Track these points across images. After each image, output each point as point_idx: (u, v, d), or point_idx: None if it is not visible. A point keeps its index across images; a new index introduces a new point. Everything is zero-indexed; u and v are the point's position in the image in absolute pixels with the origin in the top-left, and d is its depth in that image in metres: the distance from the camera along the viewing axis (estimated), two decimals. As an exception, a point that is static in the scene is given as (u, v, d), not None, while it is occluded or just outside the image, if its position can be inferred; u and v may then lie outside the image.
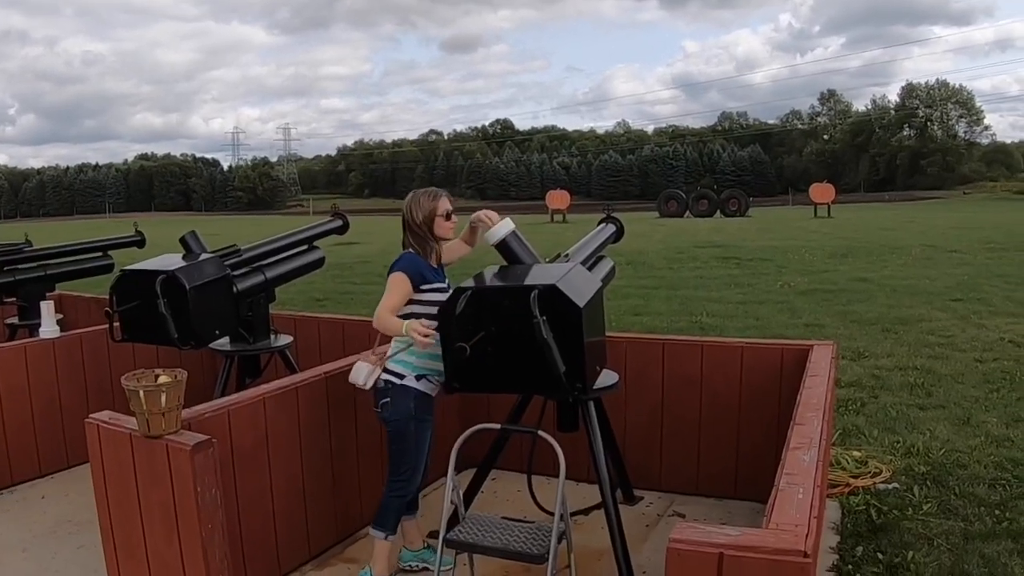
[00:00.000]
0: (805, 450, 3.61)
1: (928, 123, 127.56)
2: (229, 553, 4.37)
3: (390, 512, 5.10)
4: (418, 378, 5.01)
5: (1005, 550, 5.57)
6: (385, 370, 5.03)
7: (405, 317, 4.93)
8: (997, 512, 6.19)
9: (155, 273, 5.94)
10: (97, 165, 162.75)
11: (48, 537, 6.00)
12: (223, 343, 6.79)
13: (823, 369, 5.24)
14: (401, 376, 5.00)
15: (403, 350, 5.00)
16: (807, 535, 2.72)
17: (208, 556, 4.15)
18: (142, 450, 4.25)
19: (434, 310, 4.84)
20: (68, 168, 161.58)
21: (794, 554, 2.61)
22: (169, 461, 4.14)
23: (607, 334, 5.33)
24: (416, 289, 5.00)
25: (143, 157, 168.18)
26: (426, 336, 4.64)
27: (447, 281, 5.20)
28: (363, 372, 5.02)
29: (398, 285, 4.96)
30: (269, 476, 5.12)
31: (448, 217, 5.15)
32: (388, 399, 5.02)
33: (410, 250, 5.13)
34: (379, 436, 5.56)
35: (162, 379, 4.17)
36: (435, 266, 5.13)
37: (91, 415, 4.60)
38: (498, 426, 4.79)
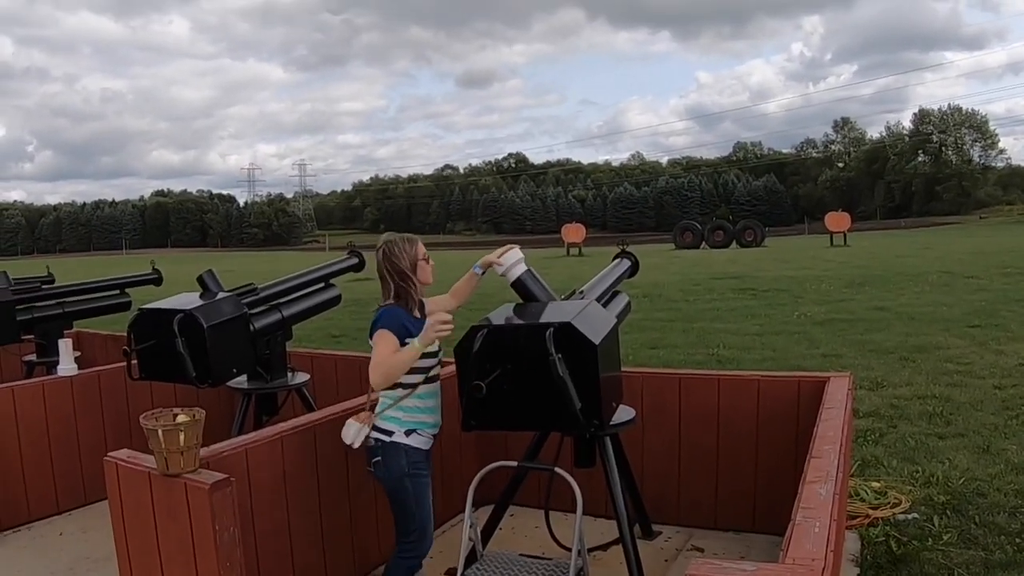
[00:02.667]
0: (822, 484, 3.61)
1: (943, 148, 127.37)
2: (247, 592, 4.39)
3: (400, 572, 4.92)
4: (407, 433, 4.82)
5: (1026, 579, 5.53)
6: (374, 427, 4.85)
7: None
8: (1018, 540, 6.15)
9: (173, 312, 5.98)
10: (114, 201, 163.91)
11: (66, 574, 6.02)
12: (240, 381, 6.83)
13: (839, 401, 5.23)
14: (390, 433, 4.82)
15: (391, 406, 4.84)
16: (823, 569, 2.72)
17: (227, 595, 4.17)
18: (161, 489, 4.27)
19: (420, 362, 4.75)
20: (85, 204, 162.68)
21: (811, 588, 2.62)
22: (188, 500, 4.15)
23: (623, 369, 5.35)
24: (401, 344, 4.72)
25: (159, 193, 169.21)
26: (445, 323, 4.55)
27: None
28: (351, 431, 4.83)
29: (385, 340, 4.71)
30: (287, 515, 5.12)
31: (428, 260, 4.99)
32: (379, 458, 4.85)
33: (389, 302, 4.91)
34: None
35: (180, 418, 4.20)
36: (419, 316, 4.90)
37: (110, 453, 4.62)
38: (515, 464, 4.80)
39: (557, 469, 4.50)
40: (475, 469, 4.72)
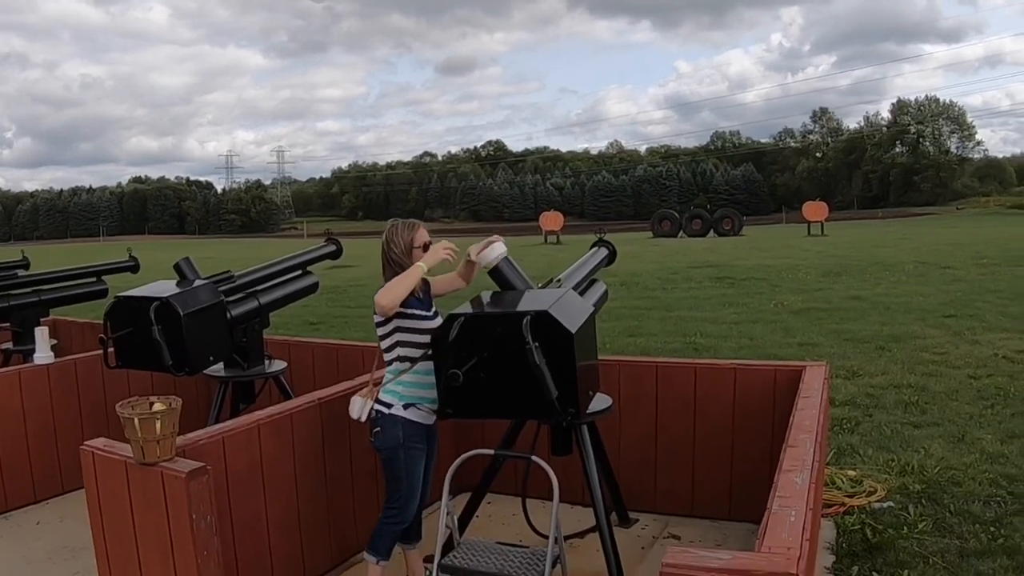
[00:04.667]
0: (797, 472, 3.63)
1: (920, 139, 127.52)
2: (224, 580, 4.38)
3: (384, 537, 5.09)
4: (406, 407, 4.98)
5: (1000, 567, 5.59)
6: (376, 400, 5.04)
7: (389, 338, 5.02)
8: (992, 529, 6.21)
9: (149, 300, 5.96)
10: (91, 188, 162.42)
11: (44, 563, 5.99)
12: (217, 369, 6.81)
13: (816, 390, 5.25)
14: (389, 405, 4.99)
15: (392, 380, 5.00)
16: (799, 558, 2.74)
17: (203, 583, 4.16)
18: (137, 477, 4.27)
19: (418, 338, 4.94)
20: (62, 191, 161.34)
21: (785, 577, 2.63)
22: (164, 488, 4.15)
23: (600, 357, 5.36)
24: (407, 314, 4.94)
25: (137, 180, 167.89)
26: (447, 246, 4.93)
27: (433, 310, 5.18)
28: (357, 405, 5.05)
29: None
30: (264, 502, 5.12)
31: (426, 248, 5.04)
32: (379, 428, 5.01)
33: None
34: (374, 462, 5.54)
35: (157, 407, 4.20)
36: (419, 297, 5.04)
37: (86, 442, 4.62)
38: (492, 452, 4.81)
39: (533, 457, 4.51)
40: (452, 457, 4.73)
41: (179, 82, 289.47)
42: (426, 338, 4.91)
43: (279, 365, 7.16)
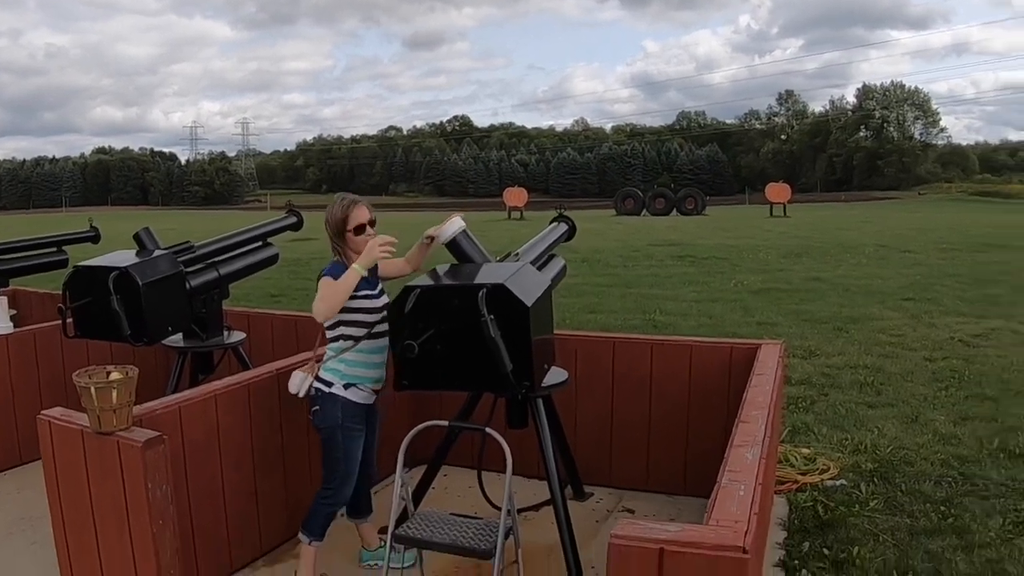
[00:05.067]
0: (748, 448, 3.68)
1: (885, 124, 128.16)
2: (180, 549, 4.39)
3: (318, 518, 5.05)
4: (346, 387, 4.94)
5: (950, 546, 5.69)
6: (317, 378, 5.02)
7: (333, 328, 4.98)
8: (943, 508, 6.32)
9: (108, 269, 5.94)
10: (54, 158, 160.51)
11: (2, 535, 5.98)
12: (176, 339, 6.80)
13: (770, 368, 5.32)
14: (330, 384, 4.95)
15: (333, 358, 4.97)
16: (747, 532, 2.78)
17: (159, 552, 4.18)
18: (93, 446, 4.27)
19: (363, 317, 4.93)
20: (25, 161, 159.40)
21: (733, 550, 2.68)
22: (120, 457, 4.16)
23: (558, 332, 5.39)
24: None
25: (101, 151, 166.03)
26: (385, 242, 4.77)
27: (379, 288, 5.14)
28: (296, 380, 5.05)
29: (326, 282, 4.75)
30: (220, 472, 5.13)
31: (359, 231, 4.94)
32: (318, 407, 4.99)
33: (337, 258, 5.00)
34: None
35: (113, 376, 4.20)
36: (365, 277, 4.90)
37: (43, 412, 4.61)
38: (446, 423, 4.84)
39: (488, 429, 4.53)
40: (408, 429, 4.74)
41: (145, 52, 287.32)
42: (371, 317, 4.94)
43: (238, 336, 7.16)
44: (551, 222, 6.45)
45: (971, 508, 6.33)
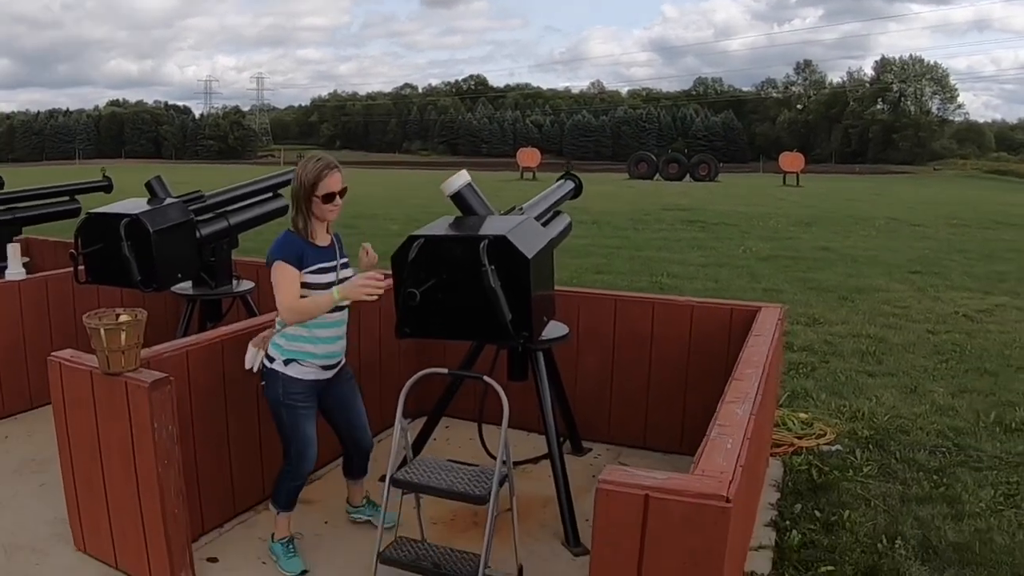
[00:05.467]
0: (739, 404, 3.77)
1: (902, 98, 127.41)
2: (185, 492, 4.50)
3: (281, 492, 4.93)
4: (286, 362, 4.71)
5: (939, 514, 5.79)
6: (266, 352, 4.81)
7: None
8: (935, 477, 6.42)
9: (119, 216, 6.05)
10: (68, 111, 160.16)
11: (11, 476, 6.10)
12: (186, 287, 6.91)
13: (768, 330, 5.39)
14: (272, 359, 4.75)
15: (277, 331, 4.76)
16: (731, 482, 2.88)
17: (163, 491, 4.29)
18: (102, 387, 4.39)
19: (311, 292, 4.63)
20: (39, 113, 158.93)
21: (716, 499, 2.78)
22: (127, 397, 4.26)
23: (560, 288, 5.47)
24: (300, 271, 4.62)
25: (115, 103, 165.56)
26: (376, 282, 4.45)
27: (339, 253, 4.87)
28: (249, 355, 4.86)
29: (283, 273, 4.56)
30: (225, 417, 5.24)
31: (328, 200, 4.61)
32: (264, 382, 4.82)
33: (289, 230, 4.70)
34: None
35: (122, 318, 4.29)
36: (320, 245, 4.73)
37: (53, 353, 4.74)
38: (445, 371, 4.91)
39: (486, 378, 4.61)
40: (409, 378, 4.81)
41: (161, 5, 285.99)
42: (320, 294, 4.63)
43: (247, 285, 7.25)
44: (558, 179, 6.51)
45: (963, 479, 6.42)
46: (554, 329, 5.47)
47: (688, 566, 2.82)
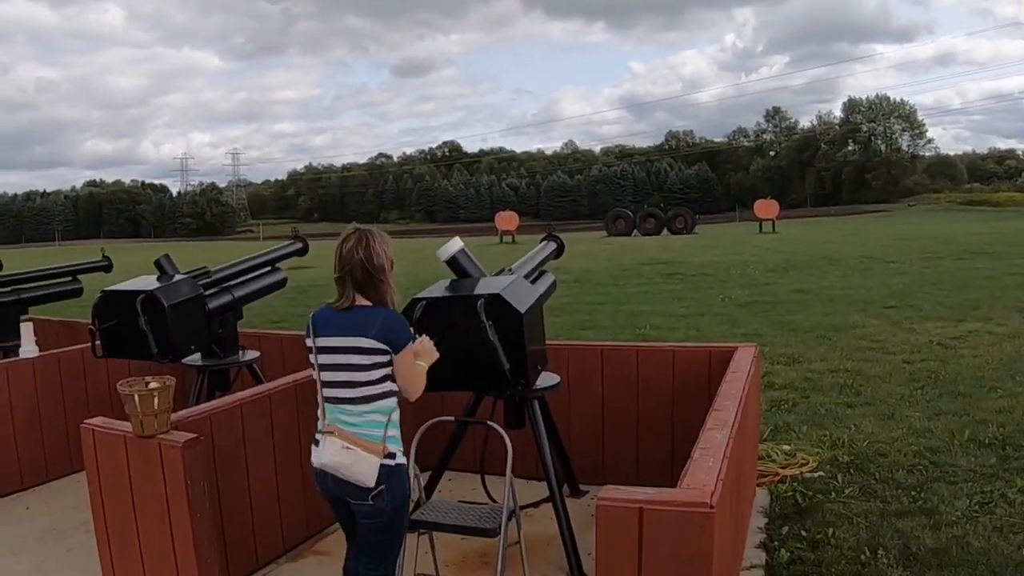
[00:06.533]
0: (719, 429, 4.20)
1: (872, 137, 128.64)
2: (215, 542, 4.86)
3: None
4: (404, 452, 4.26)
5: (918, 525, 6.18)
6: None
7: (379, 369, 4.14)
8: (913, 493, 6.82)
9: (135, 293, 6.46)
10: (45, 192, 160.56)
11: (37, 543, 6.40)
12: (195, 359, 7.27)
13: (743, 367, 5.82)
14: (393, 455, 4.13)
15: (386, 422, 4.16)
16: (713, 492, 3.29)
17: (198, 542, 4.64)
18: (136, 449, 4.76)
19: None
20: (16, 195, 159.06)
21: (700, 506, 3.19)
22: (162, 457, 4.64)
23: (550, 342, 5.90)
24: None
25: (92, 184, 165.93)
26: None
27: None
28: (364, 466, 4.04)
29: (416, 363, 4.28)
30: (247, 475, 5.59)
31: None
32: (384, 486, 4.08)
33: (391, 309, 4.25)
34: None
35: (153, 384, 4.68)
36: None
37: (86, 421, 5.10)
38: (452, 418, 5.32)
39: (489, 422, 5.00)
40: (414, 429, 5.13)
41: (134, 84, 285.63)
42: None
43: (252, 354, 7.60)
44: (541, 240, 6.94)
45: (940, 492, 6.80)
46: (547, 379, 5.89)
47: (681, 567, 3.20)
